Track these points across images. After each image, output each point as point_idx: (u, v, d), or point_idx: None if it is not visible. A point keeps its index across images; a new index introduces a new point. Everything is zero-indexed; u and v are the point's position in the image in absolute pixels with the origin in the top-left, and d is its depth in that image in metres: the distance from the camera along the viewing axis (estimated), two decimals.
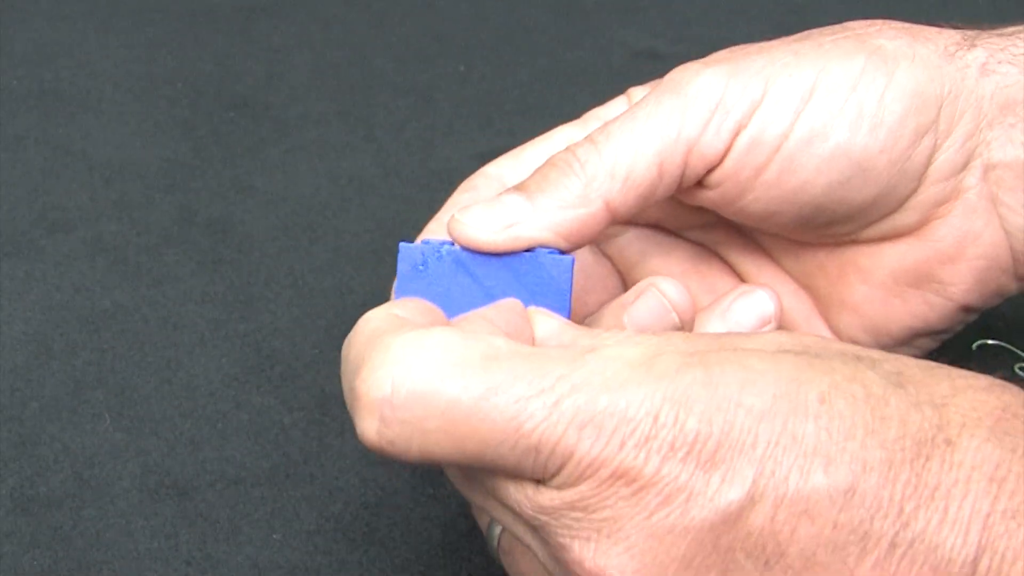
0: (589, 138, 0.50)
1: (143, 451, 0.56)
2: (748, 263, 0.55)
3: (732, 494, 0.41)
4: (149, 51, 0.78)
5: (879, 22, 0.52)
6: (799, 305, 0.55)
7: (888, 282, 0.53)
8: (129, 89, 0.75)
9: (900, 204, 0.51)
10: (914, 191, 0.51)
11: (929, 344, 0.54)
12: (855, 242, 0.53)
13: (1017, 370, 0.57)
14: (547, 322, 0.45)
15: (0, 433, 0.56)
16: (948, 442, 0.41)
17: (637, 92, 0.54)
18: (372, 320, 0.44)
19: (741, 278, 0.55)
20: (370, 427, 0.41)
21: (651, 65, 0.77)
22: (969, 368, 0.55)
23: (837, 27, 0.52)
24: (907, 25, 0.52)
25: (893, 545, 0.41)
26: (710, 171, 0.50)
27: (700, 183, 0.51)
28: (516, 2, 0.82)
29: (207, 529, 0.53)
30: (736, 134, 0.49)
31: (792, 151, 0.49)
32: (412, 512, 0.53)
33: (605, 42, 0.79)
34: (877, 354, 0.44)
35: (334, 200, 0.68)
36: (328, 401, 0.58)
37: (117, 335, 0.61)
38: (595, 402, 0.40)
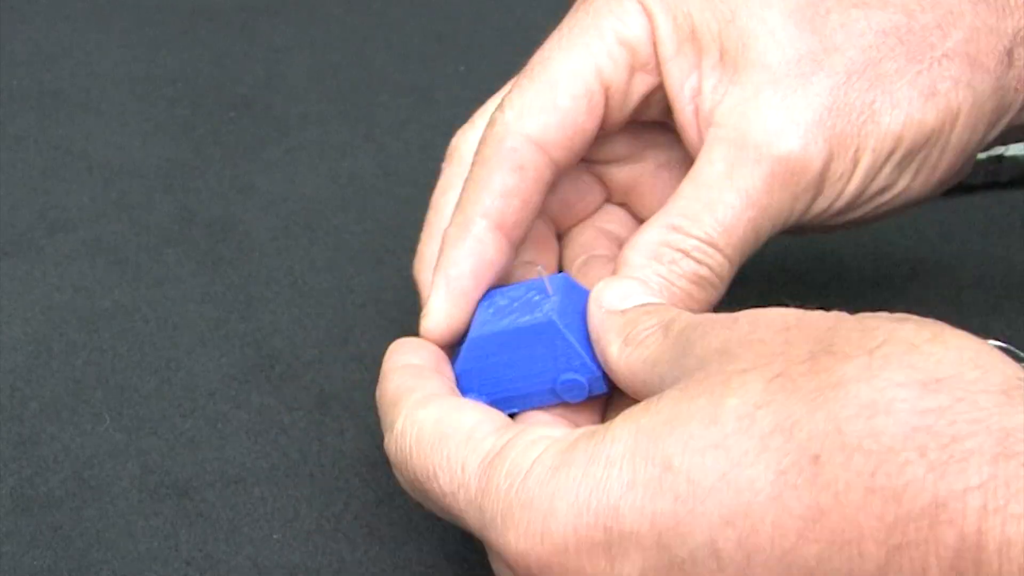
0: None
1: (143, 451, 0.56)
2: None
3: None
4: (149, 51, 0.78)
5: None
6: None
7: None
8: (129, 89, 0.75)
9: None
10: None
11: None
12: None
13: None
14: None
15: (0, 433, 0.56)
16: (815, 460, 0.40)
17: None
18: (399, 370, 0.50)
19: None
20: (398, 479, 0.48)
21: None
22: None
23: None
24: None
25: None
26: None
27: None
28: (516, 2, 0.82)
29: (207, 529, 0.53)
30: None
31: None
32: (412, 512, 0.53)
33: None
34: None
35: (334, 200, 0.68)
36: (328, 401, 0.58)
37: (117, 335, 0.61)
38: (485, 511, 0.44)
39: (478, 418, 0.47)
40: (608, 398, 0.50)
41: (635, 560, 0.41)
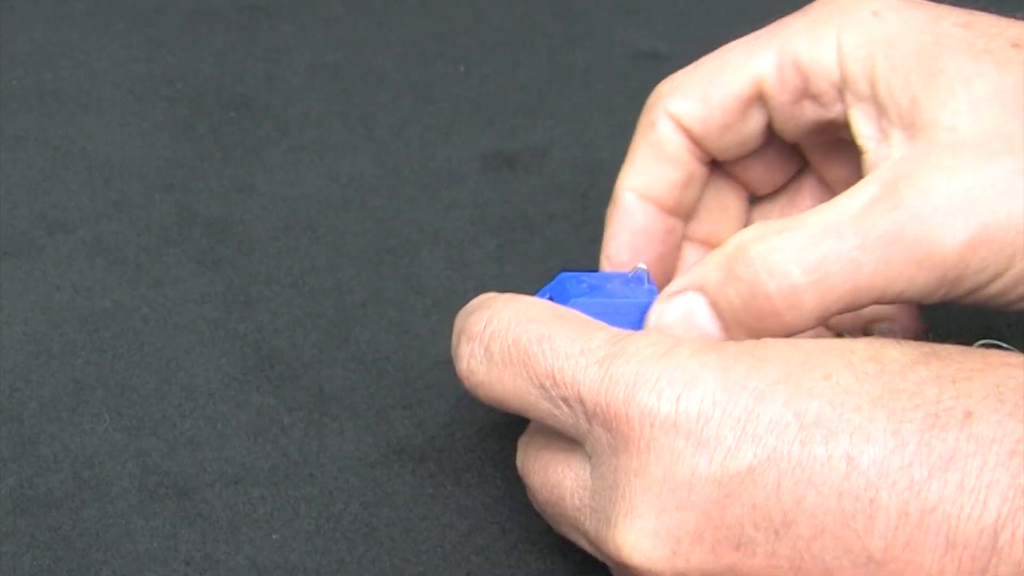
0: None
1: (143, 451, 0.56)
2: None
3: (733, 466, 0.43)
4: (149, 51, 0.78)
5: None
6: None
7: None
8: (129, 89, 0.75)
9: None
10: None
11: None
12: None
13: None
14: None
15: (0, 433, 0.56)
16: (967, 414, 0.41)
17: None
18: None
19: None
20: (464, 352, 0.48)
21: (652, 66, 0.77)
22: None
23: None
24: None
25: (903, 514, 0.41)
26: None
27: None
28: (516, 2, 0.82)
29: (206, 529, 0.53)
30: None
31: None
32: (412, 512, 0.53)
33: (605, 42, 0.79)
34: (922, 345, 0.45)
35: (334, 200, 0.68)
36: (328, 401, 0.58)
37: (117, 335, 0.61)
38: (613, 371, 0.45)
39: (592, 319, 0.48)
40: None
41: (767, 444, 0.42)
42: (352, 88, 0.75)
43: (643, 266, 0.51)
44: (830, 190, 0.54)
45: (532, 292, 0.52)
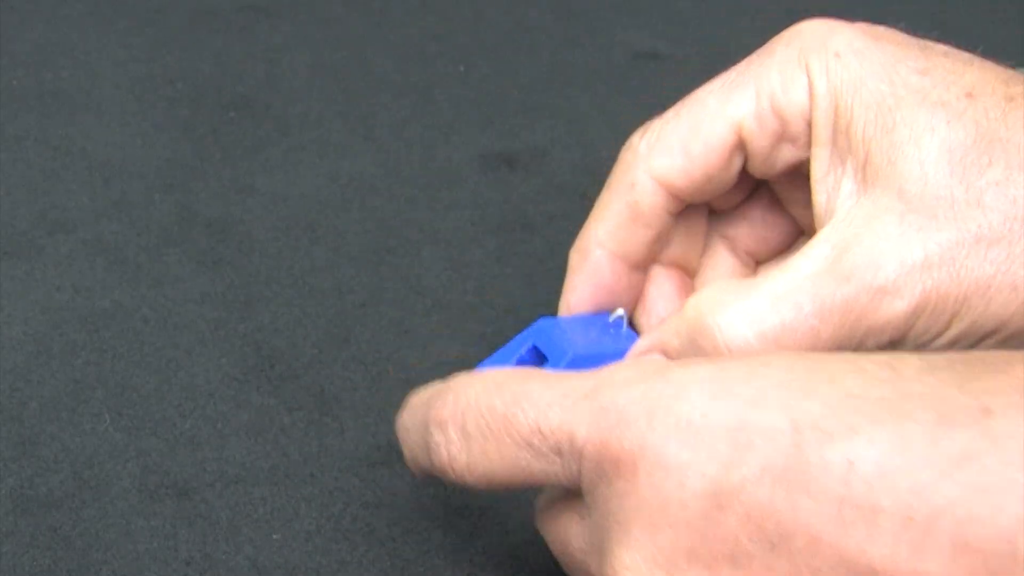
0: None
1: (143, 451, 0.56)
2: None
3: (724, 478, 0.41)
4: (149, 51, 0.78)
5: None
6: None
7: None
8: (129, 89, 0.75)
9: None
10: None
11: None
12: None
13: None
14: None
15: (0, 433, 0.56)
16: (985, 411, 0.39)
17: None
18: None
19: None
20: (439, 441, 0.46)
21: (652, 66, 0.77)
22: None
23: None
24: None
25: (907, 519, 0.39)
26: None
27: None
28: (516, 2, 0.82)
29: (206, 529, 0.53)
30: None
31: None
32: (412, 512, 0.53)
33: (606, 42, 0.79)
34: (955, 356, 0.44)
35: (334, 200, 0.68)
36: (328, 401, 0.58)
37: (117, 335, 0.61)
38: (602, 401, 0.43)
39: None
40: None
41: (760, 452, 0.40)
42: (352, 88, 0.75)
43: (622, 312, 0.51)
44: (782, 206, 0.54)
45: (532, 292, 0.52)
